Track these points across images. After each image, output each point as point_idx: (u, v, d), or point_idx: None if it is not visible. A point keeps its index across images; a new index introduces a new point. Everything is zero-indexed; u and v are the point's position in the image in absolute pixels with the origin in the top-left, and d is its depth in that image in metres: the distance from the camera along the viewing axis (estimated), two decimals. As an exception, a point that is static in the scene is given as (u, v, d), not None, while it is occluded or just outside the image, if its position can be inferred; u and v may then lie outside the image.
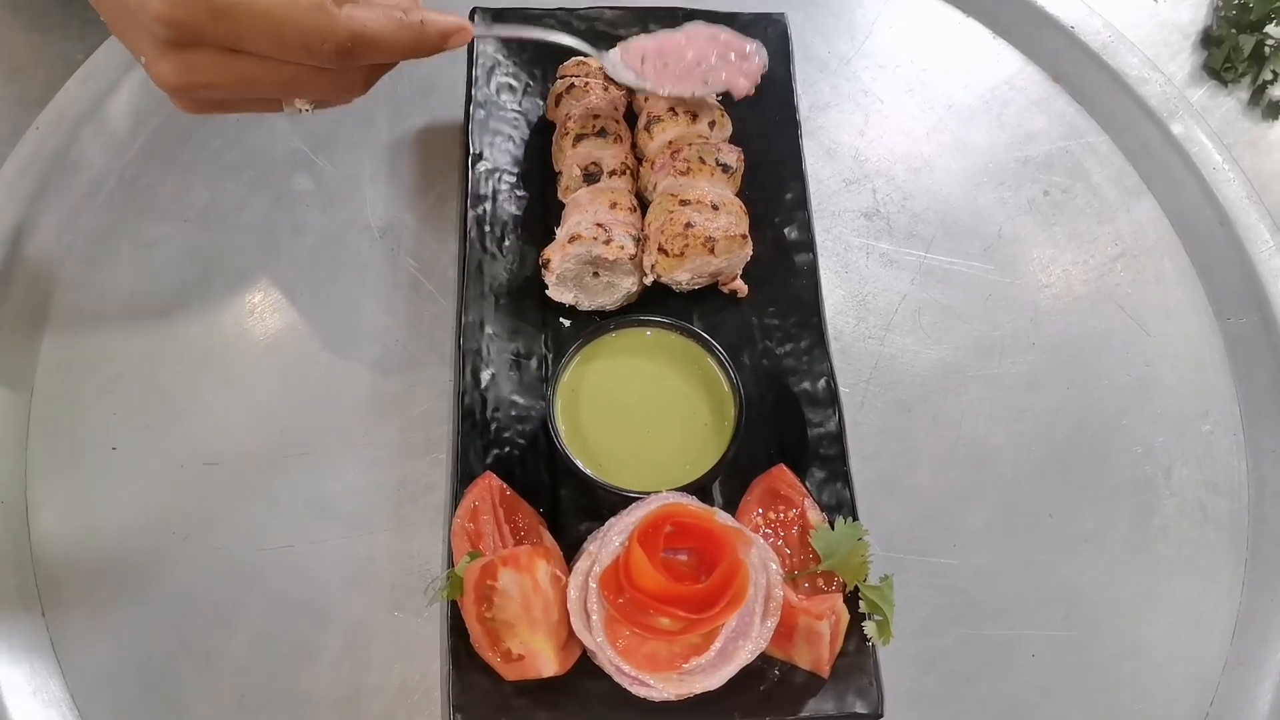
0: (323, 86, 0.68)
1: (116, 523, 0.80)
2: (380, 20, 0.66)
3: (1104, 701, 0.82)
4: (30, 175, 0.91)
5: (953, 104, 1.07)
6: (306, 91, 0.68)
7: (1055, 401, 0.93)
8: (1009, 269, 0.99)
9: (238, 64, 0.64)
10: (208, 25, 0.61)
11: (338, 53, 0.64)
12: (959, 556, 0.85)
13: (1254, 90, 1.13)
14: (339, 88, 0.69)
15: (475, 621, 0.70)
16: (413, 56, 0.70)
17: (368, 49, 0.66)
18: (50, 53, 0.98)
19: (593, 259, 0.84)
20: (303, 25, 0.63)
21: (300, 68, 0.65)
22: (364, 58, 0.67)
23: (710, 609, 0.67)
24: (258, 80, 0.65)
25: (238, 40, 0.63)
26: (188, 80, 0.64)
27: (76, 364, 0.85)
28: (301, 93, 0.69)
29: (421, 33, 0.69)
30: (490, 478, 0.77)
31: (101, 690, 0.75)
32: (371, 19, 0.66)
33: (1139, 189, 1.05)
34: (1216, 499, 0.90)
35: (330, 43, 0.64)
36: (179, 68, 0.63)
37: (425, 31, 0.69)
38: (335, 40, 0.64)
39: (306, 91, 0.68)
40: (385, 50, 0.67)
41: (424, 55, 0.71)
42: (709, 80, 0.88)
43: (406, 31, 0.68)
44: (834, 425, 0.83)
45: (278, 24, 0.62)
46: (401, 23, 0.67)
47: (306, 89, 0.68)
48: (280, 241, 0.92)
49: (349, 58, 0.65)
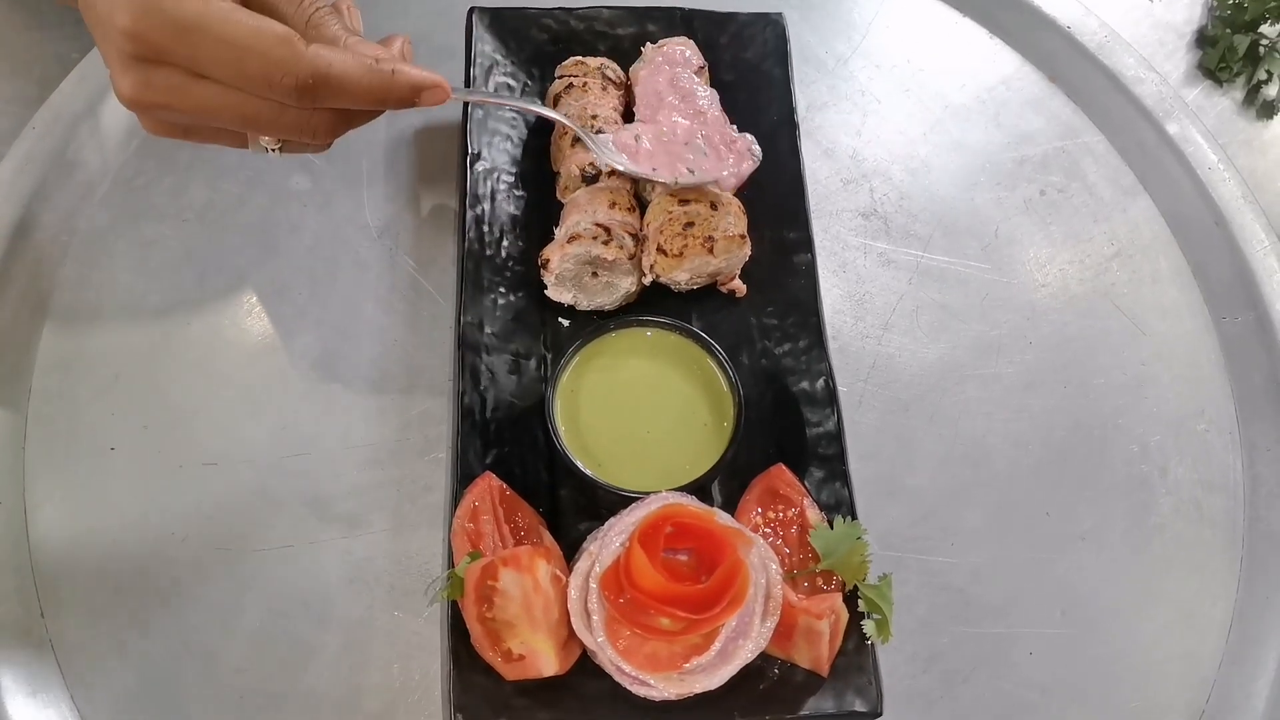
0: (284, 125, 0.66)
1: (115, 523, 0.80)
2: (348, 63, 0.65)
3: (1101, 699, 0.82)
4: (27, 174, 0.91)
5: (949, 104, 1.08)
6: (266, 128, 0.66)
7: (1052, 400, 0.93)
8: (1006, 268, 0.99)
9: (197, 89, 0.63)
10: (170, 43, 0.60)
11: (298, 89, 0.63)
12: (957, 555, 0.86)
13: (1248, 90, 1.13)
14: (302, 129, 0.67)
15: (476, 621, 0.70)
16: (380, 106, 0.68)
17: (330, 90, 0.64)
18: (47, 52, 0.98)
19: (592, 259, 0.84)
20: (266, 56, 0.61)
21: (261, 102, 0.64)
22: (326, 99, 0.65)
23: (711, 609, 0.67)
24: (217, 110, 0.64)
25: (198, 63, 0.62)
26: (146, 98, 0.63)
27: (74, 364, 0.85)
28: (262, 129, 0.67)
29: (390, 82, 0.66)
30: (490, 478, 0.77)
31: (101, 691, 0.75)
32: (338, 60, 0.64)
33: (1135, 189, 1.06)
34: (1212, 497, 0.91)
35: (291, 78, 0.62)
36: (139, 84, 0.62)
37: (395, 81, 0.66)
38: (297, 76, 0.62)
39: (266, 128, 0.66)
40: (349, 94, 0.65)
41: (394, 106, 0.68)
42: (695, 169, 0.86)
43: (374, 77, 0.65)
44: (832, 425, 0.83)
45: (241, 51, 0.61)
46: (370, 69, 0.65)
47: (267, 126, 0.66)
48: (278, 241, 0.92)
49: (310, 96, 0.64)
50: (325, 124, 0.68)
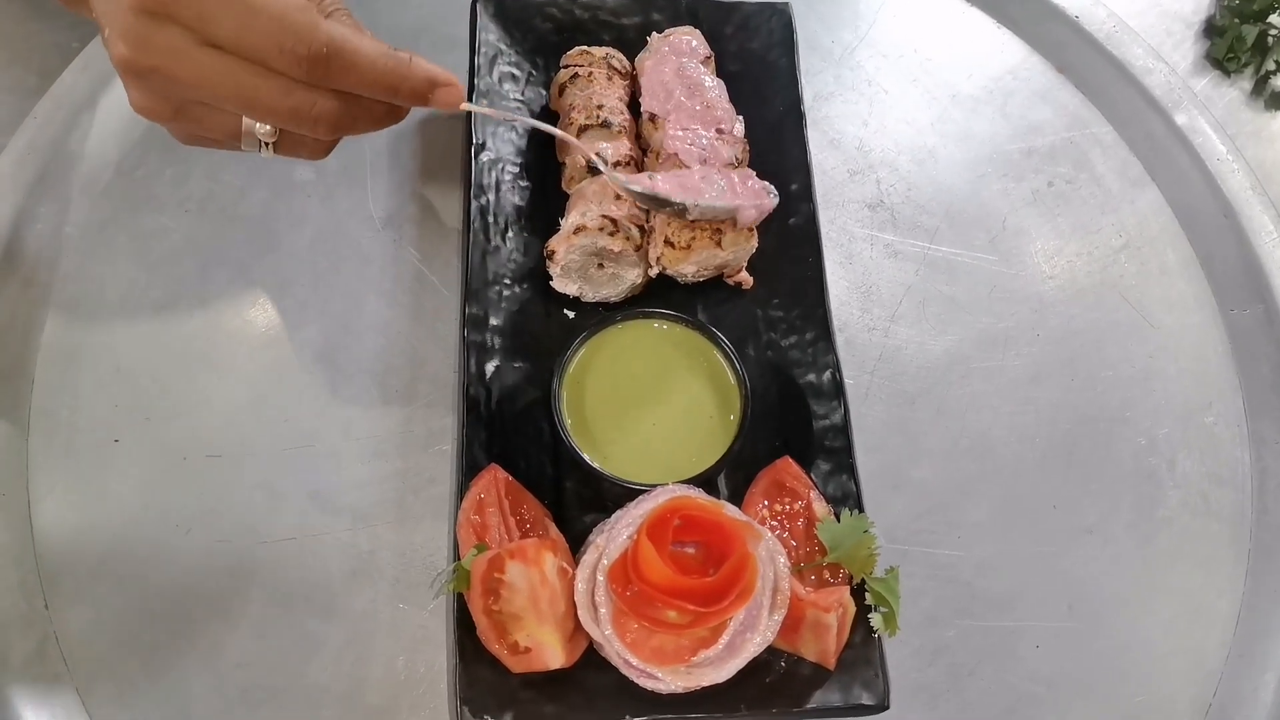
0: (285, 110, 0.62)
1: (119, 515, 0.80)
2: (364, 42, 0.62)
3: (1107, 692, 0.82)
4: (28, 165, 0.90)
5: (957, 94, 1.07)
6: (267, 111, 0.62)
7: (1059, 393, 0.93)
8: (1013, 260, 0.98)
9: (200, 54, 0.59)
10: None
11: (310, 58, 0.60)
12: (963, 548, 0.85)
13: (1257, 80, 1.12)
14: (303, 117, 0.63)
15: (482, 614, 0.70)
16: (391, 96, 0.65)
17: (343, 66, 0.61)
18: (47, 42, 0.97)
19: (598, 250, 0.83)
20: (281, 19, 0.59)
21: (266, 79, 0.61)
22: (338, 76, 0.62)
23: (718, 603, 0.67)
24: (217, 82, 0.60)
25: (206, 21, 0.58)
26: (144, 60, 0.60)
27: (76, 356, 0.85)
28: (261, 111, 0.63)
29: (407, 70, 0.64)
30: (496, 470, 0.76)
31: (105, 683, 0.75)
32: (354, 37, 0.62)
33: (1143, 180, 1.05)
34: (1220, 491, 0.91)
35: (304, 46, 0.59)
36: (138, 42, 0.59)
37: (411, 70, 0.64)
38: (311, 44, 0.59)
39: (267, 111, 0.62)
40: (362, 75, 0.62)
41: (404, 100, 0.66)
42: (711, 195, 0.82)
43: (390, 61, 0.63)
44: (839, 417, 0.83)
45: (255, 10, 0.58)
46: (387, 52, 0.63)
47: (267, 108, 0.62)
48: (280, 233, 0.91)
49: (322, 69, 0.61)
50: (328, 116, 0.64)
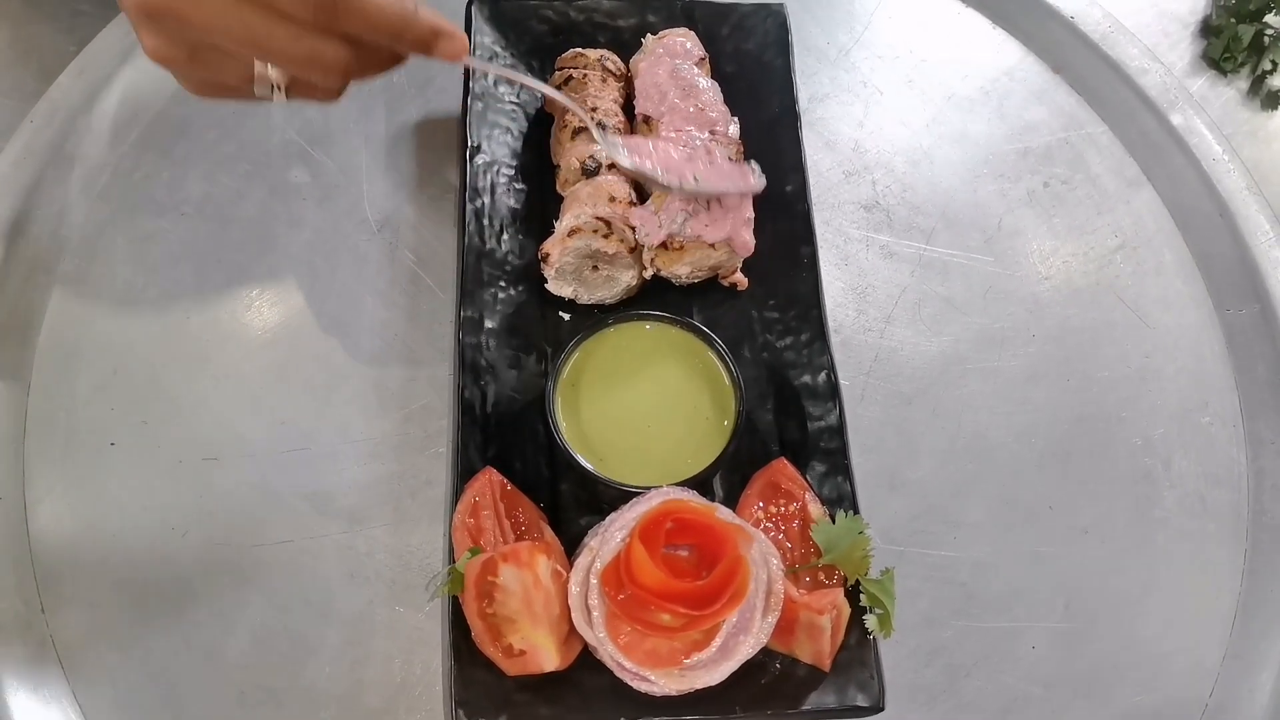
0: (296, 54, 0.63)
1: (115, 518, 0.80)
2: None
3: (1104, 693, 0.82)
4: (25, 168, 0.90)
5: (952, 95, 1.07)
6: (278, 54, 0.64)
7: (1055, 394, 0.93)
8: (1009, 261, 0.98)
9: None
10: None
11: (319, 2, 0.61)
12: (959, 549, 0.85)
13: (1253, 80, 1.12)
14: (314, 62, 0.64)
15: (476, 617, 0.70)
16: (397, 43, 0.67)
17: (351, 11, 0.63)
18: (44, 45, 0.97)
19: (592, 252, 0.83)
20: None
21: (276, 22, 0.62)
22: (346, 20, 0.63)
23: (711, 606, 0.67)
24: (228, 24, 0.61)
25: None
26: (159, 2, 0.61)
27: (73, 358, 0.85)
28: (273, 54, 0.64)
29: (413, 16, 0.66)
30: (491, 473, 0.77)
31: (102, 686, 0.75)
32: None
33: (1139, 180, 1.05)
34: (1216, 491, 0.90)
35: None
36: None
37: (418, 17, 0.66)
38: None
39: (278, 54, 0.64)
40: (369, 18, 0.64)
41: (409, 48, 0.68)
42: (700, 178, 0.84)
43: (396, 6, 0.65)
44: (834, 418, 0.83)
45: None
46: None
47: (279, 50, 0.63)
48: (277, 235, 0.92)
49: (330, 12, 0.62)
50: (339, 61, 0.65)
